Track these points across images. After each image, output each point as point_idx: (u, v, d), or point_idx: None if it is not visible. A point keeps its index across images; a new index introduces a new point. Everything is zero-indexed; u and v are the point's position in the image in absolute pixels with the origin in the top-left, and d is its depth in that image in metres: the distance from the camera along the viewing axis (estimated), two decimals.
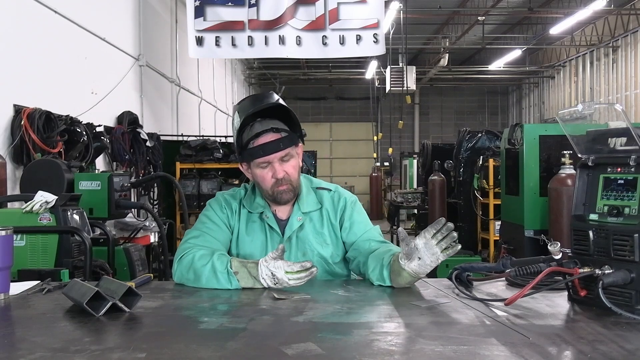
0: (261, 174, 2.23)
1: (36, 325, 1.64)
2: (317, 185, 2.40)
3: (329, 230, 2.32)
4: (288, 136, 2.22)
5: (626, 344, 1.41)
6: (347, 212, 2.33)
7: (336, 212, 2.33)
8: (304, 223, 2.30)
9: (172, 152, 8.88)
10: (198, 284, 2.09)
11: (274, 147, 2.19)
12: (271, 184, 2.23)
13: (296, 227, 2.29)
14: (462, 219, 9.25)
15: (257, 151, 2.20)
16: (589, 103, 1.83)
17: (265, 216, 2.30)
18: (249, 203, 2.34)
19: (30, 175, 4.54)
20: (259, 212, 2.31)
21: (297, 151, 2.28)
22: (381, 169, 20.13)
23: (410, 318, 1.68)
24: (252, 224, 2.31)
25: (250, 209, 2.32)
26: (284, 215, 2.32)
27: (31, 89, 5.68)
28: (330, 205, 2.34)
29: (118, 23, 8.38)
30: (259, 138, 2.20)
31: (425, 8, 16.72)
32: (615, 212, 1.70)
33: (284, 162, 2.23)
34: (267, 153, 2.20)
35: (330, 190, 2.39)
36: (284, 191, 2.24)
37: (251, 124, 2.22)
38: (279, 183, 2.22)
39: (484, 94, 27.97)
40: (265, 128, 2.20)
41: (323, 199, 2.35)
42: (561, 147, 5.32)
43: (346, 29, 8.22)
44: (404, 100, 16.66)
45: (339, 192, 2.39)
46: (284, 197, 2.26)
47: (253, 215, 2.32)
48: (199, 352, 1.38)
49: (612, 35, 17.85)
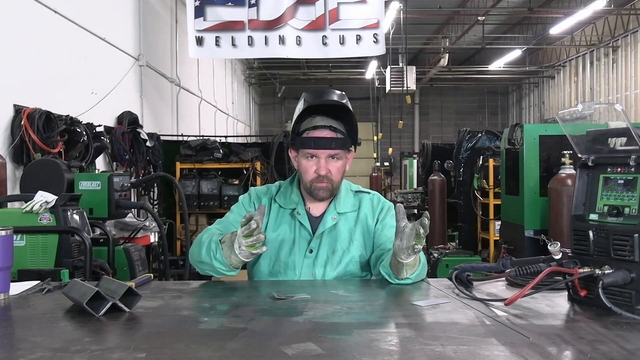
0: (306, 164, 2.27)
1: (36, 325, 1.64)
2: (356, 189, 2.44)
3: (363, 232, 2.35)
4: (343, 139, 2.27)
5: (626, 344, 1.41)
6: (382, 214, 2.37)
7: (374, 214, 2.37)
8: (338, 222, 2.32)
9: (172, 152, 8.88)
10: (199, 258, 2.17)
11: (326, 144, 2.24)
12: (312, 178, 2.27)
13: (329, 225, 2.31)
14: (462, 219, 9.26)
15: (309, 142, 2.25)
16: (589, 103, 1.83)
17: (297, 213, 2.32)
18: (283, 198, 2.36)
19: (30, 175, 4.54)
20: (291, 209, 2.34)
21: (347, 155, 2.33)
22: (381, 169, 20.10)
23: (410, 318, 1.68)
24: (280, 220, 2.33)
25: (283, 204, 2.35)
26: (317, 212, 2.35)
27: (31, 89, 5.68)
28: (369, 207, 2.38)
29: (118, 23, 8.38)
30: (315, 130, 2.25)
31: (425, 8, 16.72)
32: (615, 212, 1.70)
33: (331, 161, 2.27)
34: (317, 147, 2.24)
35: (370, 193, 2.44)
36: (322, 188, 2.27)
37: (313, 116, 2.27)
38: (319, 179, 2.26)
39: (484, 94, 27.97)
40: (325, 124, 2.25)
41: (362, 202, 2.39)
42: (561, 147, 5.32)
43: (346, 29, 8.22)
44: (404, 100, 16.66)
45: (379, 196, 2.44)
46: (320, 194, 2.28)
47: (284, 212, 2.34)
48: (199, 352, 1.38)
49: (612, 35, 17.85)
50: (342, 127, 2.28)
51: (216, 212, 8.49)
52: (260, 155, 8.70)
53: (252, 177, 8.53)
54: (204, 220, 8.84)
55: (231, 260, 2.09)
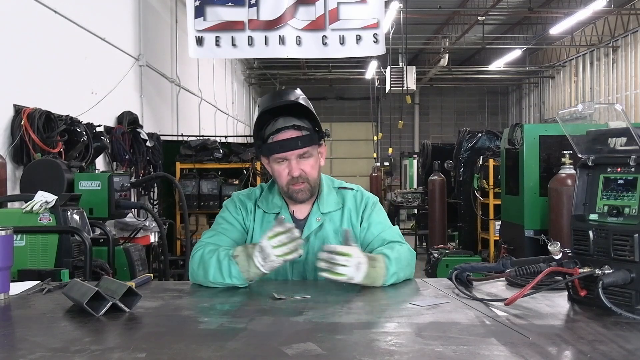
0: (278, 169, 2.22)
1: (36, 325, 1.64)
2: (339, 185, 2.37)
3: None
4: (309, 135, 2.21)
5: (626, 344, 1.41)
6: (367, 211, 2.31)
7: (358, 211, 2.31)
8: (323, 223, 2.27)
9: (172, 152, 8.88)
10: (206, 279, 2.09)
11: (292, 144, 2.19)
12: (286, 181, 2.22)
13: (315, 228, 2.26)
14: (462, 219, 9.26)
15: (275, 147, 2.19)
16: (589, 103, 1.82)
17: (281, 217, 2.25)
18: (265, 203, 2.31)
19: (30, 175, 4.54)
20: (274, 213, 2.28)
21: (318, 150, 2.27)
22: (381, 169, 20.09)
23: (410, 318, 1.68)
24: (267, 224, 2.26)
25: (266, 210, 2.29)
26: (302, 215, 2.30)
27: (31, 89, 5.67)
28: (353, 204, 2.32)
29: (118, 23, 8.38)
30: (279, 134, 2.19)
31: (425, 8, 16.72)
32: (615, 212, 1.70)
33: (302, 160, 2.21)
34: (285, 149, 2.18)
35: (353, 189, 2.37)
36: (300, 190, 2.22)
37: (275, 119, 2.21)
38: (294, 181, 2.21)
39: (484, 94, 27.97)
40: (287, 124, 2.19)
41: (346, 199, 2.33)
42: (561, 147, 5.33)
43: (346, 29, 8.22)
44: (404, 100, 16.65)
45: (362, 192, 2.37)
46: (299, 196, 2.24)
47: (269, 216, 2.29)
48: (199, 352, 1.38)
49: (612, 35, 17.85)
50: (306, 124, 2.22)
51: (216, 212, 8.43)
52: None
53: (252, 177, 8.53)
54: (204, 220, 8.84)
55: (249, 274, 2.04)
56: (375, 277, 2.04)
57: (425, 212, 10.56)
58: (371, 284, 2.04)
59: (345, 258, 1.98)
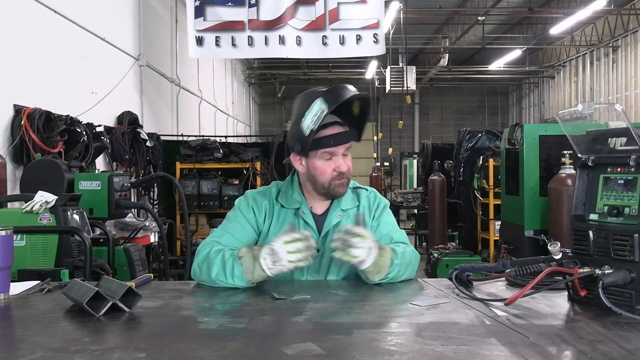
0: (323, 166, 2.21)
1: (36, 325, 1.64)
2: (353, 185, 2.41)
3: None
4: (352, 130, 2.24)
5: (626, 344, 1.41)
6: (378, 211, 2.35)
7: (371, 211, 2.34)
8: (341, 220, 2.29)
9: (172, 152, 8.88)
10: (209, 278, 2.08)
11: (343, 139, 2.20)
12: (331, 177, 2.22)
13: (335, 223, 2.27)
14: (462, 219, 9.26)
15: (327, 141, 2.18)
16: (589, 103, 1.83)
17: (302, 212, 2.27)
18: (285, 199, 2.30)
19: (30, 175, 4.54)
20: (294, 208, 2.28)
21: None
22: (381, 169, 20.07)
23: (410, 318, 1.68)
24: (283, 220, 2.27)
25: (286, 205, 2.29)
26: (320, 211, 2.31)
27: (31, 89, 5.67)
28: (367, 203, 2.35)
29: (118, 23, 8.38)
30: (327, 129, 2.18)
31: (425, 8, 16.71)
32: (615, 212, 1.70)
33: (345, 156, 2.24)
34: (337, 143, 2.19)
35: (367, 190, 2.41)
36: (342, 184, 2.24)
37: None
38: (340, 177, 2.22)
39: (484, 94, 27.96)
40: (335, 120, 2.20)
41: (361, 198, 2.36)
42: (561, 147, 5.33)
43: (346, 29, 8.22)
44: (404, 100, 16.64)
45: (375, 193, 2.41)
46: (340, 191, 2.25)
47: (287, 212, 2.29)
48: (199, 352, 1.38)
49: (612, 35, 17.85)
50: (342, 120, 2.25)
51: (216, 212, 8.50)
52: (260, 155, 8.71)
53: (252, 177, 8.53)
54: (204, 220, 8.85)
55: (253, 276, 2.04)
56: (381, 265, 2.07)
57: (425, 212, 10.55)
58: (376, 273, 2.07)
59: (359, 239, 2.02)
